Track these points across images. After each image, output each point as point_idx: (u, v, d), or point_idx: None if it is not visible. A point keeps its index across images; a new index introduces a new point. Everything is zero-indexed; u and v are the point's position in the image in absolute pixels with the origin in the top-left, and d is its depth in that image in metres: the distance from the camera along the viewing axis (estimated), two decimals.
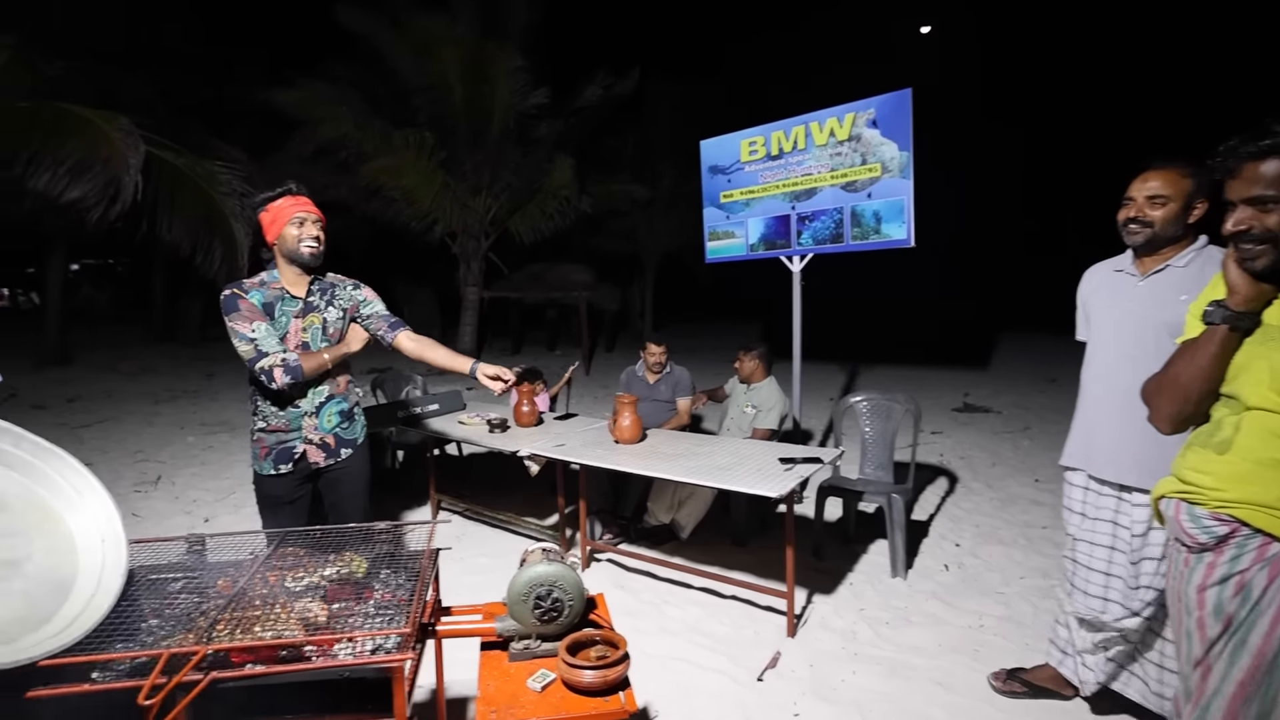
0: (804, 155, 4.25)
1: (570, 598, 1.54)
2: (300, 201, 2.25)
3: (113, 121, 6.25)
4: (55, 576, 1.28)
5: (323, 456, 2.33)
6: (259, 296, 2.23)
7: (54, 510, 1.34)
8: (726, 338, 16.37)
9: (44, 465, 1.36)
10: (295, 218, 2.21)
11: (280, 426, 2.27)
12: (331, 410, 2.33)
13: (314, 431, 2.30)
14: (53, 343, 10.47)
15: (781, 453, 3.00)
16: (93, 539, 1.36)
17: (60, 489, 1.37)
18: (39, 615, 1.20)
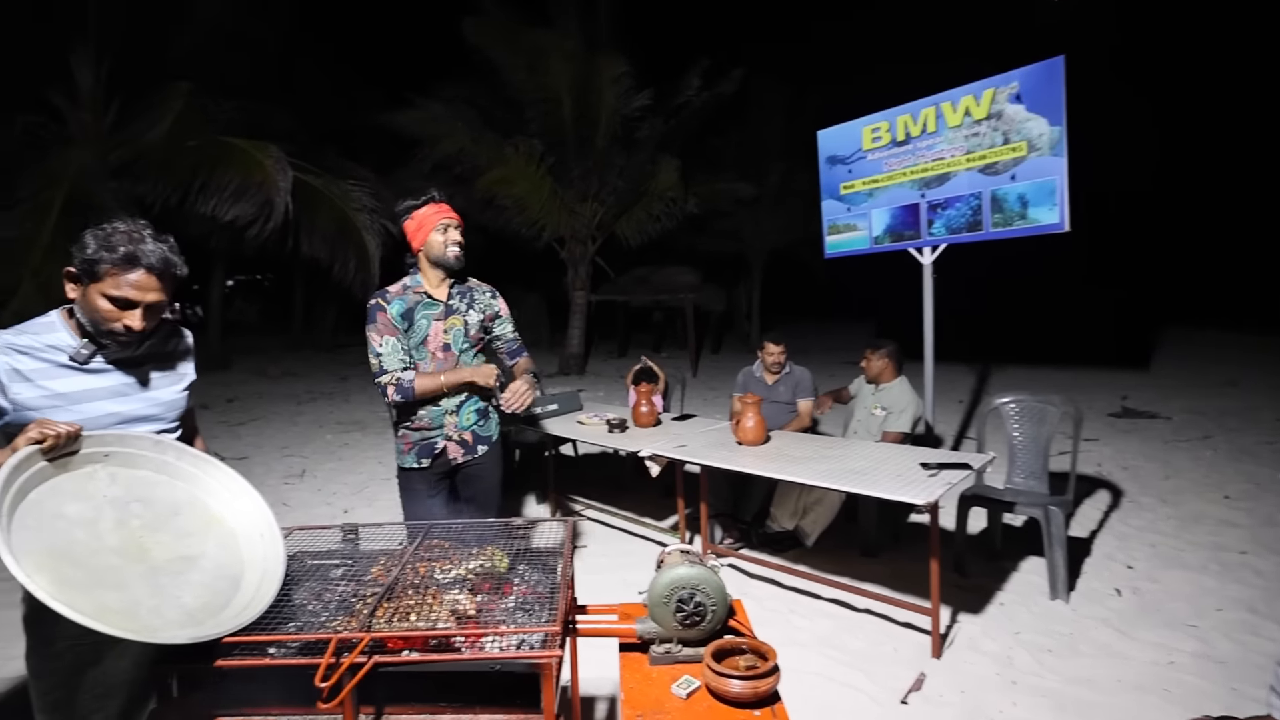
0: (935, 139, 3.95)
1: (713, 602, 1.46)
2: (443, 208, 2.33)
3: (264, 150, 6.89)
4: (227, 570, 1.39)
5: (461, 453, 2.40)
6: (400, 305, 2.30)
7: (216, 513, 1.46)
8: (838, 338, 15.81)
9: (204, 474, 1.47)
10: (440, 224, 2.29)
11: (424, 424, 2.34)
12: (470, 409, 2.40)
13: (454, 429, 2.37)
14: (214, 350, 11.71)
15: (921, 457, 2.77)
16: (253, 535, 1.47)
17: (218, 494, 1.48)
18: (218, 603, 1.31)
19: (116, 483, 1.33)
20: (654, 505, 4.26)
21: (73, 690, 1.37)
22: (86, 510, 1.26)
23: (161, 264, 1.37)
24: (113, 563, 1.24)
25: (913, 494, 2.24)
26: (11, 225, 6.10)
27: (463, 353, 2.39)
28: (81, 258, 1.32)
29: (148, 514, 1.35)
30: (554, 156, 10.70)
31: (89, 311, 1.34)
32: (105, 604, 1.16)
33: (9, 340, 1.31)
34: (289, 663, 1.20)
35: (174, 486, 1.42)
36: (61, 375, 1.35)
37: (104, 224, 1.37)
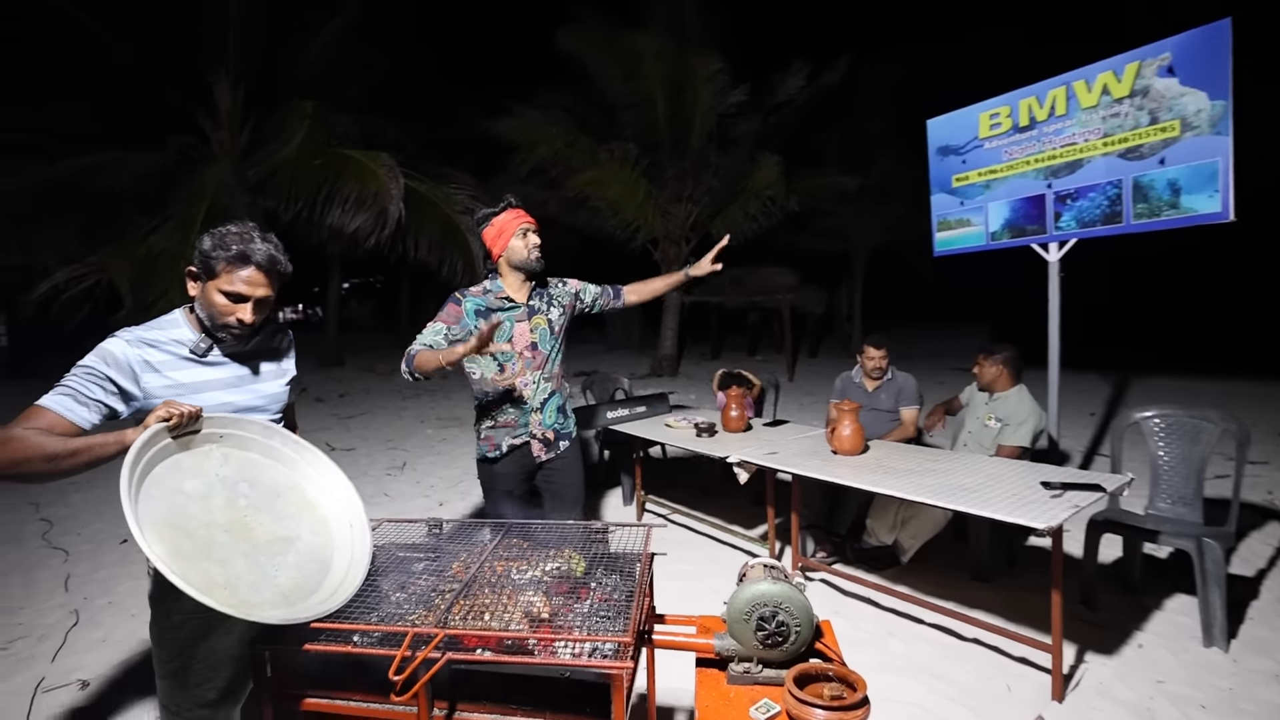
0: (1064, 122, 3.57)
1: (798, 622, 1.34)
2: (520, 213, 2.36)
3: (376, 160, 7.31)
4: (318, 554, 1.46)
5: (543, 450, 2.42)
6: (476, 303, 2.34)
7: (312, 499, 1.53)
8: (947, 342, 14.87)
9: (304, 461, 1.55)
10: (520, 229, 2.32)
11: (509, 422, 2.37)
12: (552, 406, 2.43)
13: (538, 427, 2.40)
14: (330, 348, 12.61)
15: (1043, 475, 2.48)
16: (343, 524, 1.53)
17: (316, 481, 1.55)
18: (309, 585, 1.39)
19: (228, 463, 1.41)
20: (743, 513, 4.12)
21: (188, 660, 1.46)
22: (201, 487, 1.34)
23: (269, 261, 1.48)
24: (220, 539, 1.32)
25: (1031, 516, 1.99)
26: (165, 238, 6.79)
27: (552, 350, 2.42)
28: (200, 257, 1.45)
29: (254, 494, 1.43)
30: (648, 158, 10.70)
31: (207, 306, 1.46)
32: (211, 577, 1.24)
33: (140, 335, 1.43)
34: (367, 652, 1.22)
35: (277, 470, 1.50)
36: (183, 367, 1.46)
37: (218, 227, 1.49)
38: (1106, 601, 2.94)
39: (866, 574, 3.24)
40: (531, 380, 2.37)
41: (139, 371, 1.38)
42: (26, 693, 2.51)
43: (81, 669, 2.65)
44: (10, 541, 4.07)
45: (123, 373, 1.36)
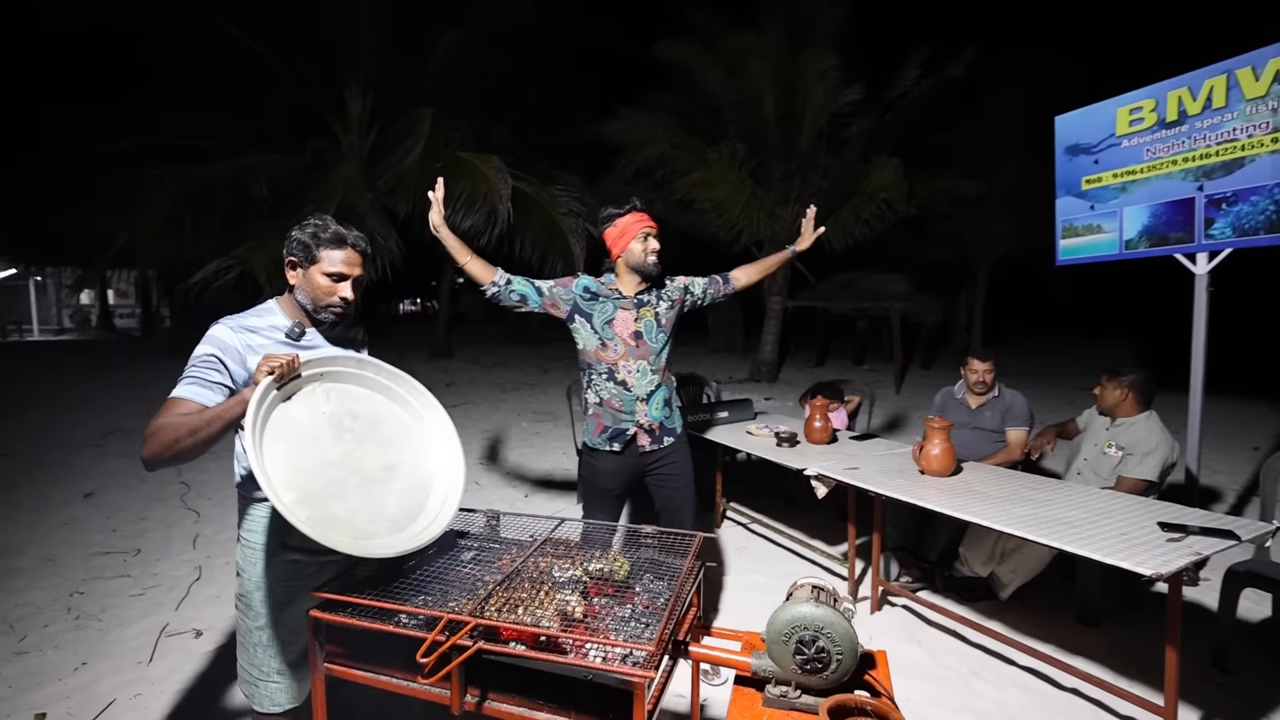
0: (1221, 115, 3.13)
1: (839, 650, 1.25)
2: (643, 217, 2.38)
3: (487, 162, 7.67)
4: (420, 478, 1.60)
5: (649, 441, 2.44)
6: (588, 282, 2.44)
7: (408, 422, 1.66)
8: (1079, 360, 13.56)
9: (397, 386, 1.66)
10: (641, 233, 2.35)
11: (613, 403, 2.40)
12: (659, 398, 2.44)
13: (644, 416, 2.41)
14: (440, 340, 13.35)
15: (1163, 514, 2.19)
16: (437, 444, 1.67)
17: (410, 405, 1.68)
18: (414, 509, 1.54)
19: (330, 399, 1.52)
20: (827, 528, 3.95)
21: (275, 625, 1.59)
22: (311, 429, 1.45)
23: (359, 242, 1.64)
24: (335, 475, 1.44)
25: (1138, 559, 1.76)
26: None
27: (657, 342, 2.44)
28: (298, 246, 1.59)
29: (357, 426, 1.54)
30: (755, 159, 10.50)
31: (310, 290, 1.59)
32: (333, 514, 1.37)
33: (241, 322, 1.56)
34: (407, 633, 1.26)
35: (374, 399, 1.62)
36: (279, 350, 1.57)
37: (303, 221, 1.63)
38: (1244, 665, 2.56)
39: (955, 606, 3.01)
40: (635, 369, 2.39)
41: (244, 354, 1.51)
42: (153, 634, 2.85)
43: (198, 620, 2.97)
44: (155, 500, 4.63)
45: (231, 356, 1.49)
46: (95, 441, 6.24)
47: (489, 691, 1.29)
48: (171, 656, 2.68)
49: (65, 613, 3.05)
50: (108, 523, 4.20)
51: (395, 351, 13.54)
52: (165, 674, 2.55)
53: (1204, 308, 3.33)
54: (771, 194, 10.67)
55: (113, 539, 3.93)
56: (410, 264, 8.60)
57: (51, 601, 3.15)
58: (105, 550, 3.76)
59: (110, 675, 2.55)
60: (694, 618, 1.55)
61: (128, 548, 3.80)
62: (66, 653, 2.71)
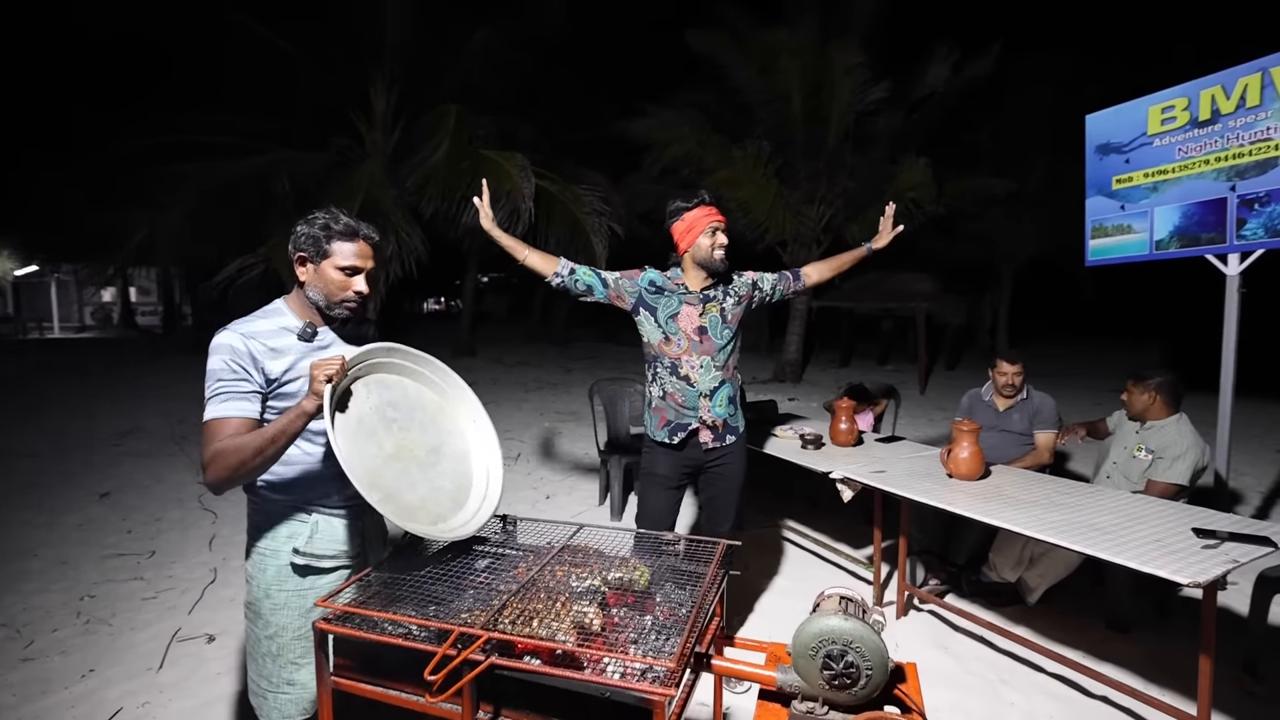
0: (1257, 114, 3.07)
1: (869, 665, 1.25)
2: (711, 211, 2.35)
3: (511, 160, 7.71)
4: (461, 454, 1.67)
5: (711, 438, 2.42)
6: (654, 276, 2.44)
7: (440, 402, 1.71)
8: (1106, 363, 13.31)
9: (422, 369, 1.68)
10: (709, 228, 2.33)
11: (677, 397, 2.39)
12: (723, 395, 2.42)
13: (708, 413, 2.40)
14: (464, 338, 13.45)
15: (1196, 519, 2.17)
16: (468, 421, 1.74)
17: (437, 385, 1.71)
18: (466, 485, 1.63)
19: (371, 393, 1.53)
20: (853, 531, 3.94)
21: (284, 635, 1.55)
22: (365, 426, 1.47)
23: (373, 234, 1.61)
24: (398, 468, 1.47)
25: (1175, 567, 1.75)
26: None
27: (723, 338, 2.41)
28: (308, 240, 1.54)
29: (399, 415, 1.56)
30: (781, 158, 10.46)
31: (323, 286, 1.55)
32: (408, 505, 1.42)
33: (248, 328, 1.50)
34: (417, 646, 1.22)
35: (405, 385, 1.63)
36: (292, 351, 1.54)
37: (310, 215, 1.58)
38: (1276, 672, 2.52)
39: (983, 611, 2.99)
40: (699, 364, 2.38)
41: (260, 358, 1.46)
42: (165, 639, 2.81)
43: (211, 624, 2.93)
44: (173, 501, 4.59)
45: (247, 361, 1.45)
46: (114, 441, 6.22)
47: (502, 707, 1.25)
48: (183, 663, 2.63)
49: (75, 617, 3.00)
50: (123, 524, 4.18)
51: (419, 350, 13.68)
52: (175, 681, 2.51)
53: (1235, 309, 3.27)
54: (797, 193, 10.62)
55: (127, 540, 3.90)
56: (435, 262, 8.67)
57: (61, 605, 3.10)
58: (119, 552, 3.73)
59: (118, 682, 2.50)
60: (717, 628, 1.53)
61: (142, 549, 3.78)
62: (74, 659, 2.66)
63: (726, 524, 2.51)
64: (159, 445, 6.04)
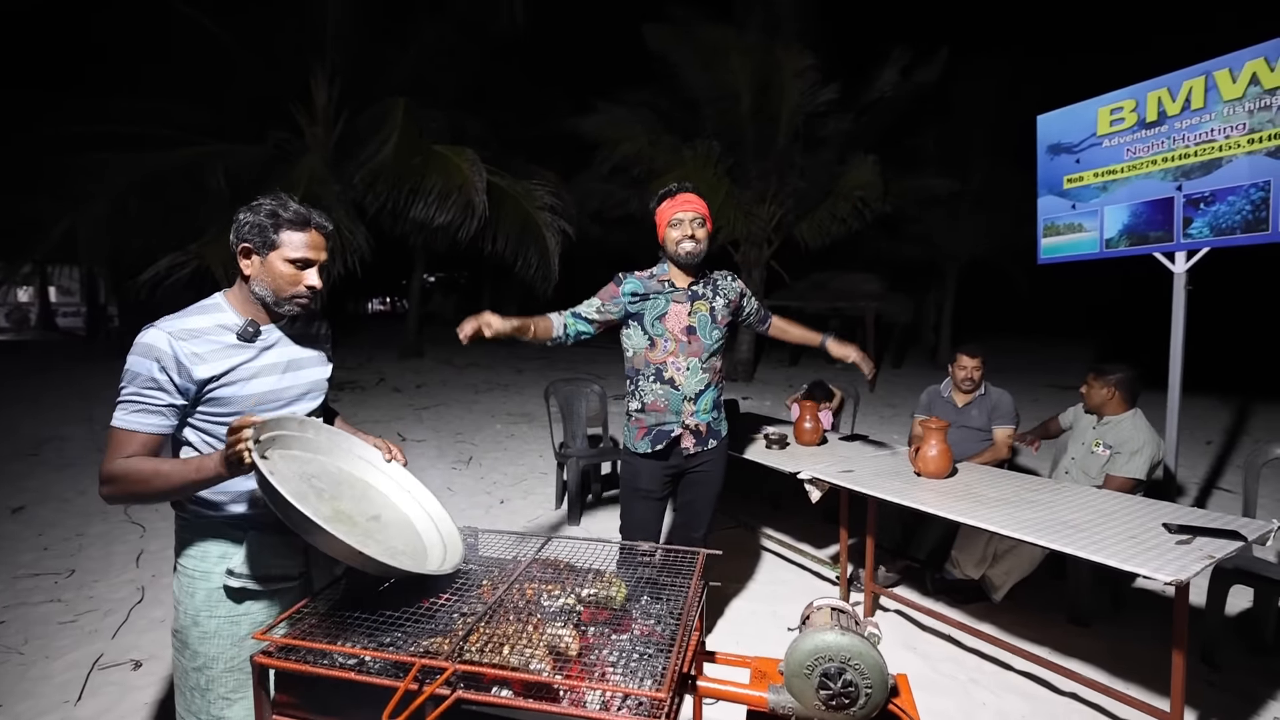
0: (1201, 116, 3.16)
1: (868, 683, 1.16)
2: (679, 202, 2.27)
3: (461, 154, 7.47)
4: (403, 522, 1.50)
5: (693, 443, 2.33)
6: (636, 285, 2.31)
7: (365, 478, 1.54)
8: (1043, 358, 13.92)
9: (339, 447, 1.52)
10: (673, 219, 2.26)
11: (659, 406, 2.29)
12: (708, 399, 2.33)
13: (691, 417, 2.30)
14: (411, 340, 13.02)
15: (1163, 514, 2.18)
16: (400, 495, 1.57)
17: (357, 464, 1.54)
18: (419, 548, 1.44)
19: (294, 462, 1.35)
20: (815, 531, 3.90)
21: (216, 665, 1.38)
22: (298, 486, 1.26)
23: (326, 222, 1.47)
24: (342, 529, 1.25)
25: (1153, 565, 1.73)
26: None
27: (711, 338, 2.32)
28: (253, 230, 1.38)
29: (326, 486, 1.38)
30: (732, 157, 10.48)
31: (271, 280, 1.39)
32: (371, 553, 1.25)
33: (182, 326, 1.33)
34: (373, 681, 1.09)
35: (323, 462, 1.45)
36: (232, 355, 1.37)
37: (255, 201, 1.42)
38: (1231, 661, 2.58)
39: (948, 609, 2.98)
40: (685, 365, 2.28)
41: (188, 365, 1.30)
42: (85, 667, 2.54)
43: (137, 649, 2.67)
44: (96, 514, 4.19)
45: (173, 367, 1.29)
46: (30, 450, 5.71)
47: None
48: (105, 693, 2.38)
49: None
50: (39, 540, 3.81)
51: (364, 352, 13.17)
52: (95, 714, 2.27)
53: (1182, 306, 3.36)
54: (748, 193, 10.66)
55: (44, 559, 3.57)
56: (380, 261, 8.31)
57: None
58: (34, 572, 3.40)
59: (29, 719, 2.25)
60: (697, 644, 1.43)
61: (60, 568, 3.45)
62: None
63: (702, 529, 2.42)
64: (81, 454, 5.54)
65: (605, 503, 4.50)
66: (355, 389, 9.34)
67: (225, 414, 1.37)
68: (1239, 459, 5.85)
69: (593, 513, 4.29)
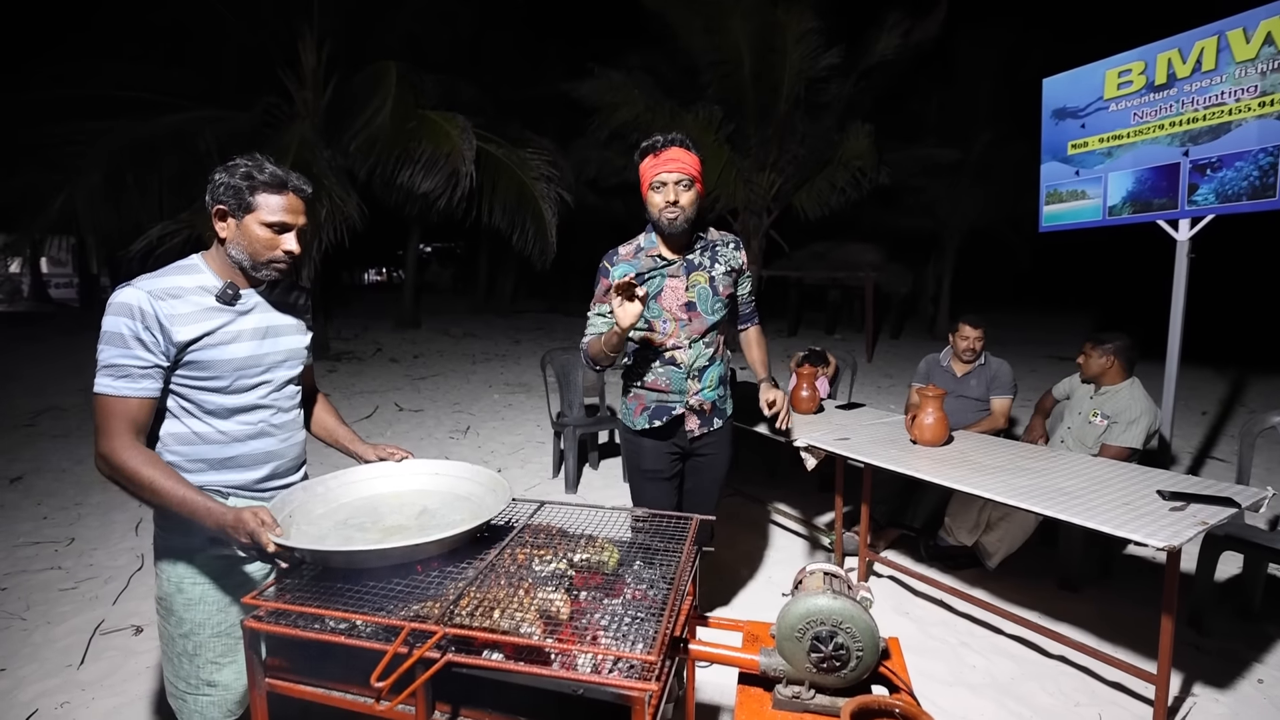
0: (1212, 78, 3.09)
1: (860, 646, 1.16)
2: (660, 160, 1.95)
3: (451, 121, 7.31)
4: (449, 500, 1.54)
5: (698, 424, 2.14)
6: (626, 269, 2.07)
7: (395, 490, 1.59)
8: (1040, 329, 13.90)
9: (365, 474, 1.60)
10: (654, 181, 1.96)
11: (661, 386, 2.11)
12: (713, 375, 2.14)
13: (695, 396, 2.11)
14: (407, 310, 12.93)
15: (1157, 481, 2.18)
16: (427, 479, 1.61)
17: (387, 476, 1.61)
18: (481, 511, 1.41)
19: (319, 525, 1.38)
20: (809, 499, 3.92)
21: (202, 631, 1.39)
22: (342, 536, 1.34)
23: (305, 185, 1.42)
24: (399, 537, 1.32)
25: (1148, 531, 1.73)
26: None
27: (713, 314, 2.10)
28: (228, 191, 1.33)
29: (364, 518, 1.43)
30: (732, 124, 10.29)
31: (248, 244, 1.36)
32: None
33: (161, 286, 1.30)
34: (356, 644, 1.09)
35: (348, 503, 1.50)
36: (211, 317, 1.34)
37: (230, 161, 1.37)
38: (1219, 627, 2.61)
39: (940, 574, 3.00)
40: (686, 342, 2.07)
41: (167, 325, 1.28)
42: (86, 632, 2.57)
43: (138, 615, 2.70)
44: (95, 484, 4.17)
45: (152, 327, 1.26)
46: (27, 420, 5.74)
47: (460, 707, 1.14)
48: (106, 657, 2.41)
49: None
50: (38, 509, 3.83)
51: (360, 322, 13.10)
52: (98, 678, 2.30)
53: (1184, 275, 3.33)
54: (748, 160, 10.49)
55: (44, 527, 3.59)
56: (375, 231, 8.18)
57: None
58: (34, 540, 3.42)
59: (34, 681, 2.28)
60: (690, 609, 1.44)
61: (60, 536, 3.48)
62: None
63: (707, 512, 2.31)
64: (78, 425, 5.55)
65: (602, 472, 4.51)
66: (352, 359, 9.30)
67: (205, 378, 1.35)
68: (1233, 429, 5.88)
69: (589, 481, 4.30)
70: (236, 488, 1.43)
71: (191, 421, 1.37)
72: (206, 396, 1.36)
